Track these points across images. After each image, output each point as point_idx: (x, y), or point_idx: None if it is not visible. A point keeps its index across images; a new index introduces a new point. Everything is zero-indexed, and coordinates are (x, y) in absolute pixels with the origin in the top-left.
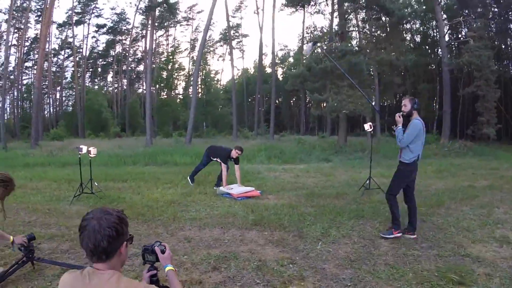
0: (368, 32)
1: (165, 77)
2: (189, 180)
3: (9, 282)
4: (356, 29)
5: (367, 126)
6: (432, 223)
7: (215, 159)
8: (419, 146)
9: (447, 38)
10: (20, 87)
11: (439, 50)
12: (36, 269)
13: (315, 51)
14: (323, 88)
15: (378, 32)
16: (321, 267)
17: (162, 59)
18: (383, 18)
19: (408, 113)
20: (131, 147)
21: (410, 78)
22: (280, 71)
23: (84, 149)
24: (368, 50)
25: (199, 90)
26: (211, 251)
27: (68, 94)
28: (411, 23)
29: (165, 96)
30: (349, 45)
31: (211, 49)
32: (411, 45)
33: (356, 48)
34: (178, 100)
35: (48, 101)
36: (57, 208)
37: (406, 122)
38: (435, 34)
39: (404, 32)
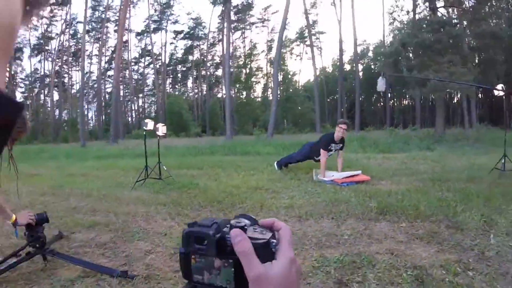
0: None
1: (243, 78)
2: (276, 165)
3: None
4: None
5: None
6: None
7: (318, 158)
8: None
9: None
10: (104, 95)
11: None
12: (47, 267)
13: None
14: (422, 66)
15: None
16: None
17: (240, 63)
18: None
19: None
20: (211, 142)
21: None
22: (359, 67)
23: (150, 124)
24: (464, 23)
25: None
26: (325, 252)
27: (150, 101)
28: None
29: (244, 98)
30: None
31: (288, 49)
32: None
33: (454, 20)
34: (257, 101)
35: (131, 107)
36: (115, 194)
37: None
38: None
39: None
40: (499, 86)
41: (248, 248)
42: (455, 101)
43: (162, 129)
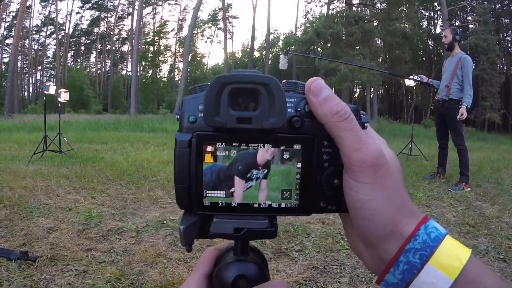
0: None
1: (150, 55)
2: None
3: None
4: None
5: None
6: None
7: None
8: None
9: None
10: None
11: (430, 41)
12: None
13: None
14: (333, 56)
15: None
16: None
17: (148, 39)
18: None
19: (449, 45)
20: (114, 118)
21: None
22: (269, 56)
23: (52, 88)
24: (377, 22)
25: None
26: None
27: (49, 74)
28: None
29: (150, 78)
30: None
31: (199, 30)
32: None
33: (368, 17)
34: (163, 81)
35: (29, 81)
36: (9, 168)
37: (446, 56)
38: (428, 25)
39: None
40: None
41: (347, 110)
42: (356, 95)
43: (64, 95)
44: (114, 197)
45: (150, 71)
